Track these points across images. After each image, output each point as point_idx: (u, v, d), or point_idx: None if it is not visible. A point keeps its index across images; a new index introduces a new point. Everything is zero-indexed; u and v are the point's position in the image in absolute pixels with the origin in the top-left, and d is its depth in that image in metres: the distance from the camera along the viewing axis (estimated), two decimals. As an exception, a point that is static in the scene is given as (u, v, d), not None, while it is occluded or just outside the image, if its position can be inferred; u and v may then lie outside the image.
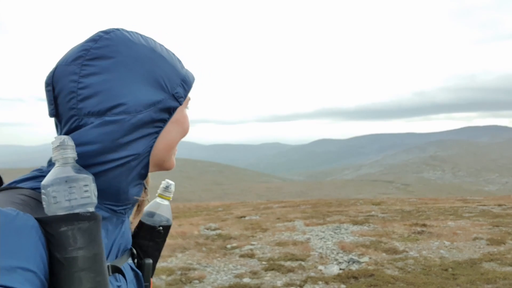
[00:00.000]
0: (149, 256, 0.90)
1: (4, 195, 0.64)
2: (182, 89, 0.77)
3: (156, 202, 0.94)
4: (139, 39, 0.75)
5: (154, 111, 0.72)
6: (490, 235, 7.46)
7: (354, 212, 11.67)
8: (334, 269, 5.92)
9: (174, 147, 0.80)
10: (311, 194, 79.80)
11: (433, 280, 5.22)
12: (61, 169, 0.61)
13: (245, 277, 5.70)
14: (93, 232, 0.60)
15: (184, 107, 0.79)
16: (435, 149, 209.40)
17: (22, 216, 0.57)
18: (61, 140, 0.63)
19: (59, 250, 0.58)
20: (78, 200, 0.60)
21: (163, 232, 0.92)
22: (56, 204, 0.59)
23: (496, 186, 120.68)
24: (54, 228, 0.58)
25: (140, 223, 0.91)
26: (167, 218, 0.93)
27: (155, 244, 0.92)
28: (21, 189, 0.67)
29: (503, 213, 10.27)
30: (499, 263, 5.77)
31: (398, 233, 8.15)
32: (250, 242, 7.82)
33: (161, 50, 0.76)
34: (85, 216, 0.59)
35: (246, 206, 15.68)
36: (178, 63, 0.79)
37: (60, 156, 0.62)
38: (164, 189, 0.94)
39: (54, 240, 0.58)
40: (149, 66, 0.72)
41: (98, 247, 0.61)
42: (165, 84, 0.74)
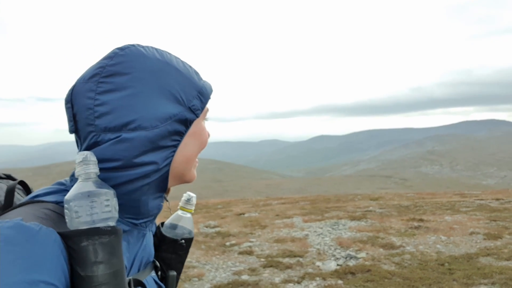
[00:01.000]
0: (172, 269, 0.91)
1: (29, 209, 0.66)
2: (199, 101, 0.77)
3: (177, 215, 0.94)
4: (154, 53, 0.76)
5: (170, 125, 0.72)
6: (487, 230, 7.51)
7: (352, 208, 11.72)
8: (331, 265, 5.96)
9: (193, 160, 0.80)
10: (310, 190, 79.91)
11: (430, 275, 5.27)
12: (83, 184, 0.64)
13: (243, 274, 5.74)
14: (114, 246, 0.62)
15: (202, 119, 0.80)
16: (433, 144, 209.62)
17: (45, 230, 0.59)
18: (84, 155, 0.65)
19: (80, 264, 0.60)
20: (99, 215, 0.62)
21: (185, 245, 0.92)
22: (78, 219, 0.61)
23: (494, 180, 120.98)
24: (76, 242, 0.60)
25: (162, 236, 0.91)
26: (189, 231, 0.93)
27: (177, 257, 0.92)
28: (45, 203, 0.69)
29: (501, 207, 10.32)
30: (496, 258, 5.81)
31: (395, 229, 8.19)
32: (249, 239, 7.86)
33: (177, 63, 0.77)
34: (106, 230, 0.61)
35: (246, 203, 15.71)
36: (195, 75, 0.79)
37: (83, 172, 0.65)
38: (186, 201, 0.94)
39: (76, 254, 0.60)
40: (164, 80, 0.73)
41: (119, 261, 0.63)
42: (181, 97, 0.74)
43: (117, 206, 0.66)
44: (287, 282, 5.32)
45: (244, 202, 16.77)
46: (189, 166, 0.79)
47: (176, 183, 0.80)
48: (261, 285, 5.24)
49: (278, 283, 5.30)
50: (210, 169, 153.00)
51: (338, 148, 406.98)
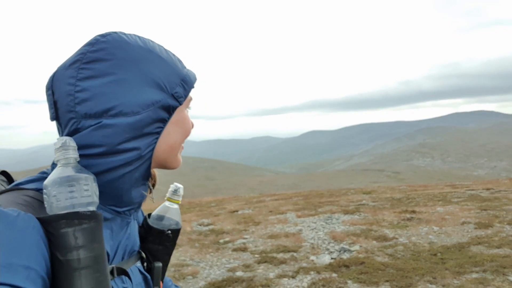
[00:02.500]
0: (159, 260, 0.90)
1: (9, 196, 0.66)
2: (182, 88, 0.77)
3: (165, 206, 0.93)
4: (137, 40, 0.75)
5: (152, 111, 0.72)
6: (478, 219, 7.59)
7: (345, 202, 11.77)
8: (325, 259, 5.99)
9: (177, 148, 0.80)
10: (303, 186, 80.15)
11: (422, 265, 5.32)
12: (62, 169, 0.63)
13: (238, 270, 5.74)
14: (94, 231, 0.61)
15: (185, 107, 0.79)
16: (424, 137, 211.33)
17: (24, 216, 0.58)
18: (63, 141, 0.65)
19: (60, 249, 0.59)
20: (78, 199, 0.61)
21: (172, 236, 0.91)
22: (57, 204, 0.60)
23: (485, 170, 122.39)
24: (55, 227, 0.60)
25: (148, 228, 0.90)
26: (176, 222, 0.92)
27: (164, 248, 0.91)
28: (25, 190, 0.68)
29: (491, 196, 10.44)
30: (487, 246, 5.89)
31: (388, 221, 8.25)
32: (243, 236, 7.87)
33: (160, 51, 0.76)
34: (86, 215, 0.61)
35: (239, 200, 15.71)
36: (178, 63, 0.79)
37: (62, 157, 0.64)
38: (173, 192, 0.93)
39: (55, 239, 0.60)
40: (146, 67, 0.73)
41: (99, 246, 0.62)
42: (164, 84, 0.74)
43: (98, 191, 0.66)
44: (281, 277, 5.34)
45: (237, 199, 16.77)
46: (173, 153, 0.79)
47: (159, 168, 0.82)
48: (255, 280, 5.25)
49: (273, 278, 5.31)
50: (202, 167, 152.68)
51: (330, 143, 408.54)
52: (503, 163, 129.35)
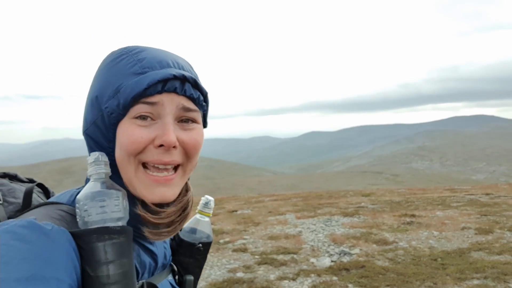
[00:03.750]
0: (190, 273, 0.90)
1: (43, 209, 0.68)
2: (116, 101, 0.68)
3: (196, 219, 0.93)
4: (108, 56, 0.75)
5: (93, 130, 0.72)
6: (478, 225, 7.59)
7: (344, 204, 11.78)
8: (326, 262, 5.98)
9: (123, 167, 0.70)
10: (302, 187, 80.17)
11: (423, 270, 5.31)
12: (94, 184, 0.65)
13: (238, 271, 5.74)
14: (123, 246, 0.62)
15: (131, 117, 0.68)
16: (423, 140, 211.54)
17: (57, 229, 0.60)
18: (96, 156, 0.67)
19: (90, 264, 0.60)
20: (109, 214, 0.62)
21: (203, 249, 0.91)
22: (88, 218, 0.62)
23: (484, 174, 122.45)
24: (86, 242, 0.61)
25: (180, 240, 0.90)
26: (207, 235, 0.92)
27: (195, 261, 0.91)
28: (60, 205, 0.70)
29: (491, 202, 10.45)
30: (488, 252, 5.89)
31: (387, 224, 8.25)
32: (243, 237, 7.86)
33: (115, 62, 0.72)
34: (116, 230, 0.61)
35: (238, 200, 15.71)
36: (130, 69, 0.70)
37: (94, 172, 0.66)
38: (204, 205, 0.93)
39: (86, 253, 0.61)
40: (93, 85, 0.74)
41: (128, 261, 0.62)
42: (97, 100, 0.71)
43: (128, 207, 0.67)
44: (282, 279, 5.34)
45: (236, 199, 16.77)
46: (124, 175, 0.71)
47: None
48: (256, 282, 5.25)
49: (273, 280, 5.31)
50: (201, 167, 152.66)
51: (330, 145, 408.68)
52: (502, 168, 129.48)
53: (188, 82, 0.71)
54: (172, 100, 0.70)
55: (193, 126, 0.73)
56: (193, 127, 0.73)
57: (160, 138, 0.68)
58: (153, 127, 0.69)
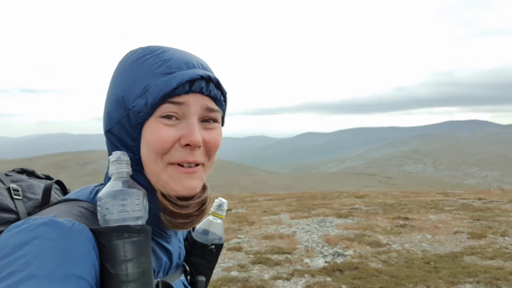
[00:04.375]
0: (202, 274, 0.91)
1: (64, 206, 0.69)
2: (144, 100, 0.69)
3: (208, 220, 0.94)
4: (130, 55, 0.75)
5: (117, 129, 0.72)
6: (470, 229, 7.66)
7: (338, 205, 11.83)
8: (319, 262, 6.02)
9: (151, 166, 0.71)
10: (296, 187, 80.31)
11: (416, 273, 5.36)
12: (116, 182, 0.66)
13: (232, 270, 5.75)
14: (142, 244, 0.63)
15: (157, 117, 0.70)
16: (417, 143, 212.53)
17: (77, 226, 0.61)
18: (118, 155, 0.68)
19: (109, 261, 0.61)
20: (130, 213, 0.63)
21: (215, 250, 0.92)
22: (109, 216, 0.63)
23: (476, 179, 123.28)
24: (106, 239, 0.62)
25: (192, 241, 0.91)
26: (220, 237, 0.93)
27: (207, 262, 0.92)
28: (79, 201, 0.71)
29: (483, 206, 10.54)
30: (480, 257, 5.94)
31: (381, 226, 8.30)
32: (237, 236, 7.88)
33: (140, 61, 0.72)
34: (136, 228, 0.62)
35: (232, 199, 15.72)
36: (157, 69, 0.71)
37: (115, 171, 0.67)
38: (217, 207, 0.94)
39: (106, 250, 0.62)
40: (117, 84, 0.74)
41: (146, 260, 0.63)
42: (123, 99, 0.71)
43: (147, 206, 0.68)
44: (276, 279, 5.36)
45: (231, 197, 16.78)
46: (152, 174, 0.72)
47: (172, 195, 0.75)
48: (250, 281, 5.27)
49: (268, 280, 5.33)
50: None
51: (324, 146, 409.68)
52: (494, 173, 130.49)
53: (212, 82, 0.73)
54: (197, 100, 0.72)
55: (214, 126, 0.76)
56: (214, 126, 0.76)
57: (186, 137, 0.70)
58: (178, 127, 0.71)
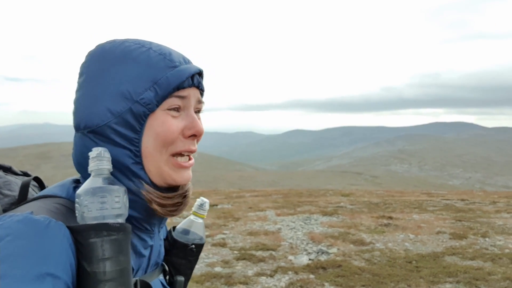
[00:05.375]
0: (181, 274, 0.90)
1: (40, 203, 0.67)
2: (153, 92, 0.70)
3: (190, 220, 0.93)
4: (116, 48, 0.73)
5: (116, 123, 0.70)
6: (452, 229, 7.78)
7: (324, 203, 11.90)
8: (303, 260, 6.05)
9: (153, 157, 0.72)
10: (282, 184, 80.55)
11: (398, 272, 5.43)
12: (95, 179, 0.64)
13: (216, 266, 5.75)
14: (122, 243, 0.61)
15: (164, 109, 0.72)
16: (403, 143, 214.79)
17: (54, 224, 0.59)
18: (98, 151, 0.66)
19: (87, 260, 0.60)
20: (109, 211, 0.62)
21: (196, 250, 0.91)
22: (88, 214, 0.61)
23: (460, 180, 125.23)
24: (84, 237, 0.60)
25: (173, 241, 0.90)
26: (201, 237, 0.93)
27: (187, 262, 0.91)
28: (57, 198, 0.70)
29: (466, 207, 10.72)
30: (461, 257, 6.04)
31: (365, 225, 8.38)
32: (222, 231, 7.88)
33: (137, 54, 0.72)
34: (115, 227, 0.61)
35: (219, 194, 15.70)
36: (162, 63, 0.72)
37: (95, 167, 0.65)
38: (199, 207, 0.93)
39: (83, 249, 0.60)
40: (112, 77, 0.71)
41: (125, 259, 0.62)
42: (128, 91, 0.70)
43: (128, 203, 0.66)
44: (259, 275, 5.37)
45: (217, 193, 16.75)
46: (153, 164, 0.72)
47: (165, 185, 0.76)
48: (234, 277, 5.27)
49: (251, 276, 5.34)
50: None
51: (312, 143, 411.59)
52: (477, 175, 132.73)
53: (201, 76, 0.79)
54: (195, 94, 0.77)
55: (199, 116, 0.80)
56: (199, 117, 0.80)
57: (191, 128, 0.75)
58: (180, 118, 0.75)
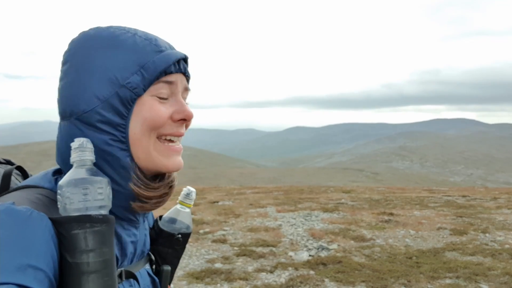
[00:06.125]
0: (168, 263, 0.90)
1: (23, 193, 0.66)
2: (140, 77, 0.70)
3: (176, 209, 0.92)
4: (101, 33, 0.72)
5: (103, 108, 0.69)
6: (453, 226, 7.78)
7: (324, 200, 11.90)
8: (304, 256, 6.05)
9: (140, 142, 0.71)
10: (283, 181, 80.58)
11: (398, 268, 5.43)
12: (77, 170, 0.63)
13: (217, 262, 5.76)
14: (105, 235, 0.61)
15: (152, 95, 0.71)
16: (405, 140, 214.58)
17: (36, 215, 0.59)
18: (80, 142, 0.65)
19: (70, 251, 0.59)
20: (92, 202, 0.61)
21: (182, 239, 0.90)
22: (70, 205, 0.60)
23: (461, 177, 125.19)
24: (67, 229, 0.59)
25: (159, 230, 0.90)
26: (187, 226, 0.92)
27: (174, 252, 0.90)
28: (39, 189, 0.69)
29: (467, 204, 10.71)
30: (461, 253, 6.04)
31: (366, 222, 8.38)
32: (223, 228, 7.88)
33: (123, 39, 0.72)
34: (98, 218, 0.60)
35: (219, 191, 15.71)
36: (148, 47, 0.72)
37: (78, 158, 0.64)
38: (185, 196, 0.92)
39: (66, 241, 0.59)
40: (99, 62, 0.70)
41: (109, 250, 0.61)
42: (115, 76, 0.69)
43: (111, 195, 0.65)
44: (260, 271, 5.38)
45: (218, 190, 16.77)
46: (140, 149, 0.72)
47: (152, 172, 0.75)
48: (234, 273, 5.28)
49: (251, 272, 5.35)
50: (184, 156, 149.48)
51: (313, 140, 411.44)
52: (479, 171, 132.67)
53: (186, 63, 0.78)
54: (182, 80, 0.77)
55: (187, 102, 0.80)
56: (188, 103, 0.80)
57: (180, 112, 0.75)
58: (168, 104, 0.74)
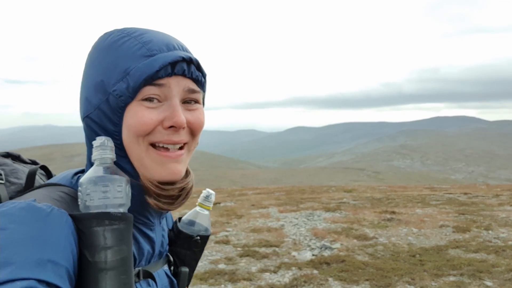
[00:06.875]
0: (186, 265, 0.90)
1: (45, 190, 0.68)
2: (125, 84, 0.68)
3: (195, 211, 0.93)
4: (105, 38, 0.73)
5: (97, 115, 0.70)
6: (456, 223, 7.77)
7: (326, 199, 11.90)
8: (307, 255, 6.06)
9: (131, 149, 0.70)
10: (285, 181, 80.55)
11: (401, 265, 5.43)
12: (98, 168, 0.65)
13: (220, 263, 5.76)
14: (123, 232, 0.62)
15: (138, 100, 0.69)
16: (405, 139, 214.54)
17: (57, 211, 0.60)
18: (102, 141, 0.66)
19: (89, 248, 0.60)
20: (111, 200, 0.62)
21: (200, 242, 0.90)
22: (90, 202, 0.62)
23: (463, 174, 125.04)
24: (86, 225, 0.60)
25: (178, 232, 0.90)
26: (206, 228, 0.92)
27: (192, 254, 0.91)
28: (61, 186, 0.70)
29: (469, 201, 10.70)
30: (464, 250, 6.04)
31: (368, 220, 8.38)
32: (225, 229, 7.89)
33: (119, 44, 0.71)
34: (117, 216, 0.61)
35: (221, 193, 15.72)
36: (138, 51, 0.69)
37: (99, 156, 0.65)
38: (205, 198, 0.93)
39: (85, 237, 0.60)
40: (94, 67, 0.72)
41: (126, 248, 0.62)
42: (103, 83, 0.69)
43: (130, 193, 0.66)
44: (263, 272, 5.38)
45: (220, 191, 16.77)
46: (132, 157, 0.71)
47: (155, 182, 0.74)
48: (237, 274, 5.28)
49: (255, 272, 5.35)
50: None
51: (314, 140, 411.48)
52: (480, 169, 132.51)
53: (193, 64, 0.73)
54: (179, 82, 0.71)
55: (196, 107, 0.75)
56: (196, 107, 0.75)
57: (170, 119, 0.70)
58: (160, 109, 0.70)
